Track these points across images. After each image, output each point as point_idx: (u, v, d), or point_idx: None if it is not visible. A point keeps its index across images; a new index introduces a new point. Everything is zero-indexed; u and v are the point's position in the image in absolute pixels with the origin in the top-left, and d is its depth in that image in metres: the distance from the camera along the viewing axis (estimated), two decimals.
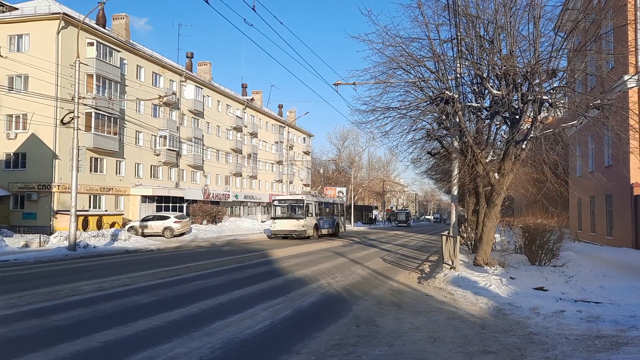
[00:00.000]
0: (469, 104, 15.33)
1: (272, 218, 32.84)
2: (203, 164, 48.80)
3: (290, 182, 63.64)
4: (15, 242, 23.18)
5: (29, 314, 8.45)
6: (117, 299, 9.96)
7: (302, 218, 31.18)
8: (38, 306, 9.15)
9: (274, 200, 33.14)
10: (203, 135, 48.63)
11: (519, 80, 12.98)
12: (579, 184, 24.01)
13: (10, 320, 7.96)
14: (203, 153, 48.62)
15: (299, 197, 32.86)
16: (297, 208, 31.88)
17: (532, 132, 13.46)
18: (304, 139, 77.74)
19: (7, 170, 32.87)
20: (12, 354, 6.07)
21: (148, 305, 9.41)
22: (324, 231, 35.25)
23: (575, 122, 13.70)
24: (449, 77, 14.82)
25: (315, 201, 33.96)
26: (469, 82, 15.78)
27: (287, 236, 31.66)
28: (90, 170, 34.47)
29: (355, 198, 73.75)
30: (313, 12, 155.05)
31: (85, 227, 28.91)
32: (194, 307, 9.20)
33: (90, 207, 34.33)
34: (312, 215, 32.63)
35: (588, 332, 7.54)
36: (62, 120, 21.56)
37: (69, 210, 22.17)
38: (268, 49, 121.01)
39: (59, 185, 31.76)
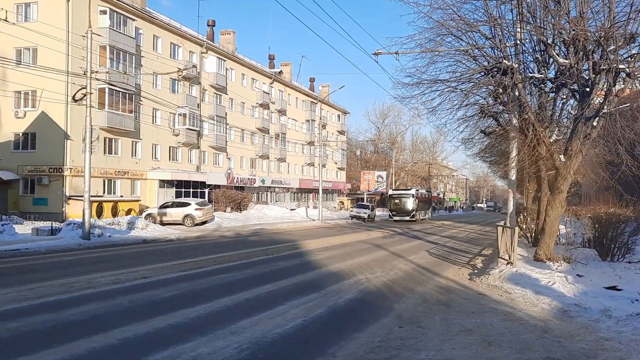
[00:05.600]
0: (530, 75, 15.00)
1: None
2: (226, 145, 49.33)
3: (324, 166, 63.69)
4: (25, 229, 24.06)
5: (42, 308, 8.77)
6: (135, 293, 10.24)
7: None
8: (51, 299, 9.49)
9: None
10: (226, 113, 49.09)
11: (590, 47, 12.57)
12: None
13: (22, 314, 8.28)
14: (226, 133, 49.10)
15: None
16: None
17: (605, 107, 13.05)
18: (339, 116, 77.57)
19: (17, 152, 33.96)
20: (24, 350, 6.32)
21: (168, 300, 9.64)
22: None
23: None
24: (507, 44, 14.48)
25: None
26: (530, 50, 15.41)
27: None
28: (104, 152, 35.30)
29: (397, 184, 73.43)
30: None
31: (99, 214, 29.74)
32: (218, 302, 9.39)
33: (104, 192, 35.23)
34: None
35: None
36: (73, 97, 22.07)
37: (82, 196, 22.85)
38: (299, 15, 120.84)
39: (71, 169, 32.68)
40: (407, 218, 48.59)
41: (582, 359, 6.42)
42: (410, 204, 49.57)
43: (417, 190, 54.21)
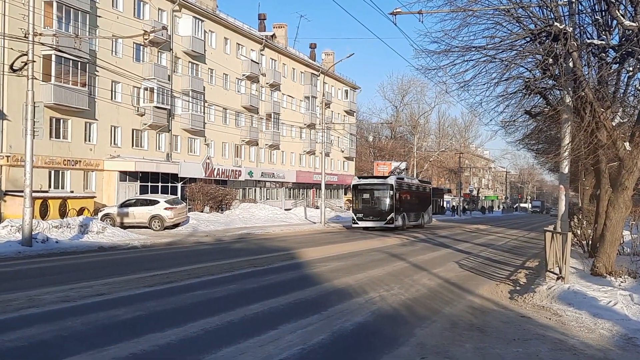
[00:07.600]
0: (588, 41, 14.95)
1: None
2: (204, 127, 49.26)
3: (327, 155, 63.65)
4: None
5: None
6: (89, 313, 10.26)
7: None
8: None
9: None
10: (204, 88, 49.03)
11: None
12: None
13: None
14: (205, 112, 49.04)
15: None
16: None
17: None
18: (347, 92, 77.49)
19: None
20: None
21: (131, 322, 9.67)
22: None
23: None
24: (559, 2, 14.44)
25: None
26: (588, 10, 15.38)
27: None
28: (51, 136, 35.25)
29: (419, 177, 73.44)
30: None
31: (44, 214, 29.76)
32: (193, 326, 9.41)
33: (50, 186, 35.24)
34: None
35: None
36: (11, 66, 22.05)
37: (22, 191, 22.83)
38: None
39: (7, 157, 32.67)
40: (381, 224, 38.23)
41: None
42: (386, 200, 38.84)
43: (400, 179, 43.05)
